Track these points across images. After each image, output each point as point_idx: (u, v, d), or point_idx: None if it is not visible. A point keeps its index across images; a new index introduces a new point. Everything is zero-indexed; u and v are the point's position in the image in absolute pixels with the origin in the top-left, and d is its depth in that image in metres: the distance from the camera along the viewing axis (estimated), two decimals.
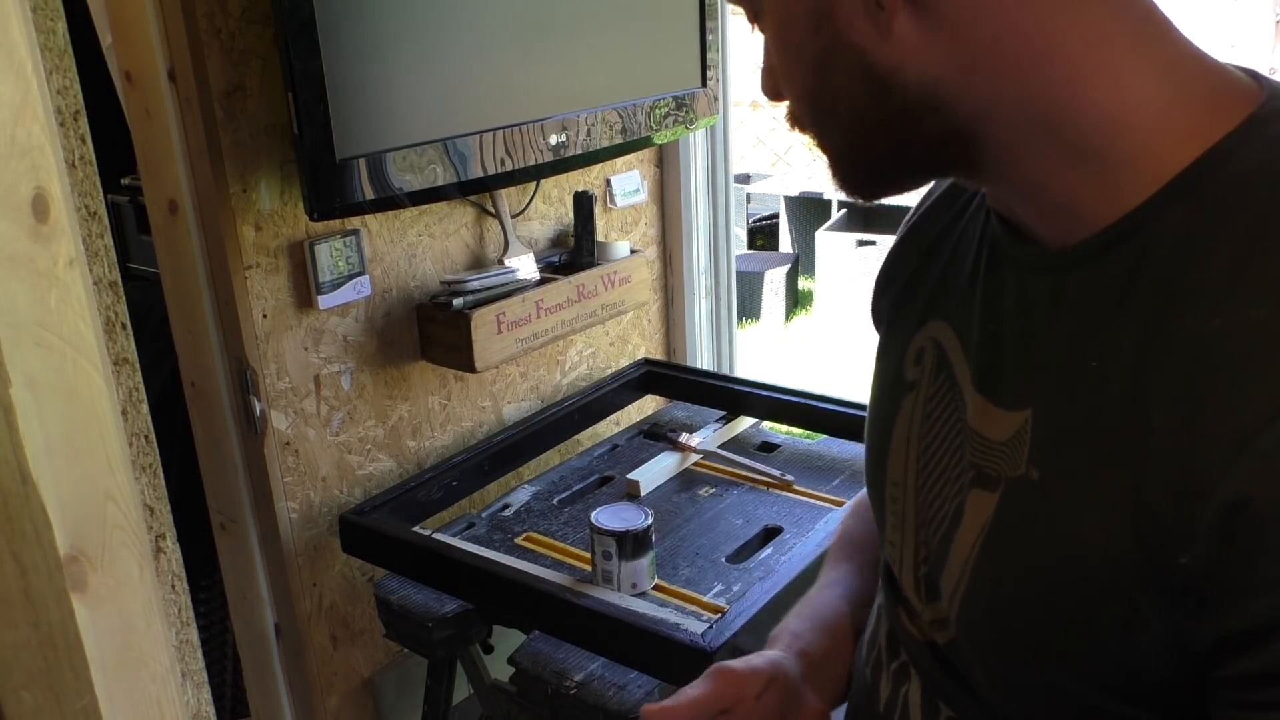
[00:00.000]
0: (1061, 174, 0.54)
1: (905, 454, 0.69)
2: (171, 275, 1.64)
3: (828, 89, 0.58)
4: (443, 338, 1.82)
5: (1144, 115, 0.52)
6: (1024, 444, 0.57)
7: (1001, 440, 0.58)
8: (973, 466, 0.61)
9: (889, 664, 0.72)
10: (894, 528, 0.70)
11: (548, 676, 1.43)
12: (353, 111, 1.49)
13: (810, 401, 1.94)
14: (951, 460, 0.63)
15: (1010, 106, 0.54)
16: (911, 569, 0.68)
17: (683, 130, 2.09)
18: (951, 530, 0.62)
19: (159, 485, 0.83)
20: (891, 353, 0.72)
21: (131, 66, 1.54)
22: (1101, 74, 0.52)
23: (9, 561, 0.58)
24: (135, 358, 0.79)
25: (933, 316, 0.68)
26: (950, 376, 0.65)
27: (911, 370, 0.69)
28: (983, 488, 0.59)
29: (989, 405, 0.60)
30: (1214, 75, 0.53)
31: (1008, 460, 0.58)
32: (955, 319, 0.66)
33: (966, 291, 0.64)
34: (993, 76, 0.53)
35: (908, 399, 0.69)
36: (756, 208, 5.86)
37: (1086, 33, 0.52)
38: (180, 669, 0.81)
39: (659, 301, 2.43)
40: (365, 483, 1.84)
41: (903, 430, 0.69)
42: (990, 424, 0.60)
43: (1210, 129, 0.51)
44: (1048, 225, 0.57)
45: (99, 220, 0.74)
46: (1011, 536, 0.57)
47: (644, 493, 1.80)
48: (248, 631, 1.83)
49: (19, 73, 0.55)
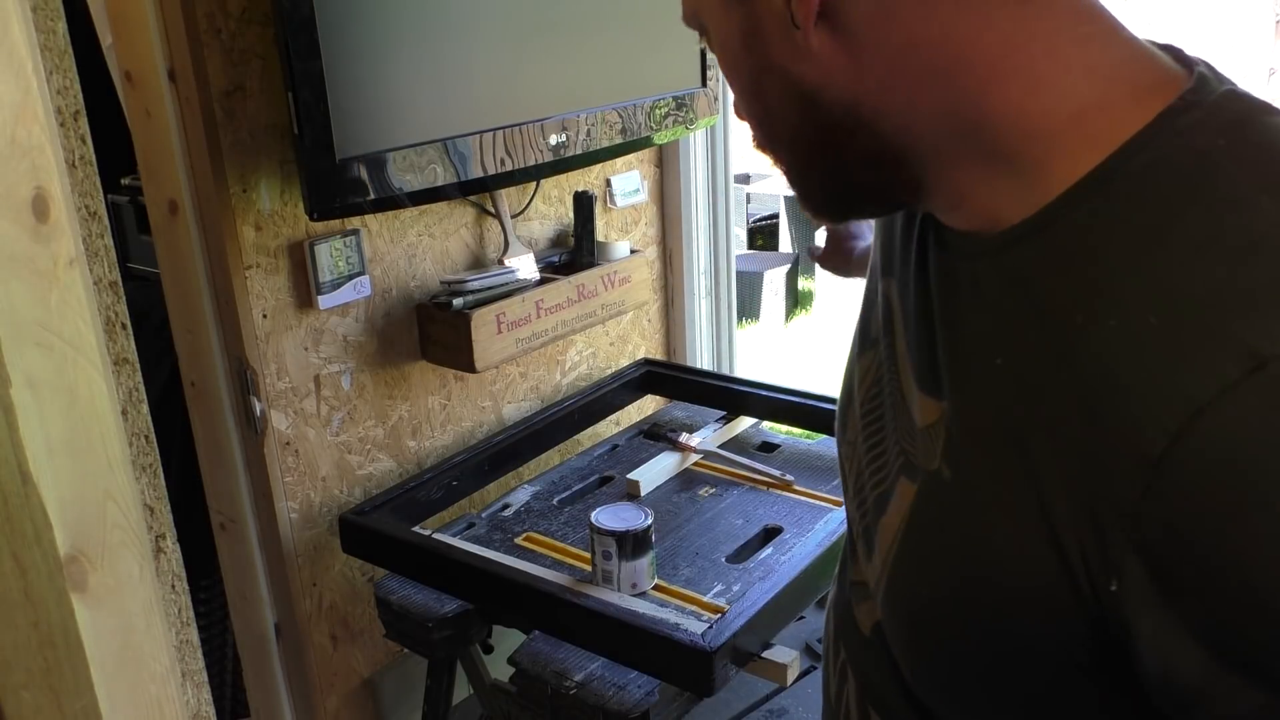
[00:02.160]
0: (984, 183, 0.53)
1: (857, 414, 0.69)
2: (171, 275, 1.64)
3: (765, 109, 0.59)
4: (443, 338, 1.82)
5: (1058, 118, 0.51)
6: (939, 437, 0.56)
7: (922, 426, 0.58)
8: (902, 452, 0.61)
9: (835, 661, 0.72)
10: (848, 485, 0.70)
11: (548, 676, 1.43)
12: (353, 111, 1.49)
13: (810, 401, 1.94)
14: (888, 433, 0.63)
15: (928, 119, 0.53)
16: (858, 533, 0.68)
17: (683, 130, 2.09)
18: (880, 512, 0.62)
19: (159, 485, 0.83)
20: (866, 302, 0.72)
21: (131, 66, 1.54)
22: (1015, 80, 0.51)
23: (9, 561, 0.58)
24: (135, 358, 0.79)
25: (888, 273, 0.67)
26: (892, 343, 0.64)
27: (874, 325, 0.68)
28: (908, 476, 0.59)
29: (914, 385, 0.60)
30: (1143, 71, 0.52)
31: (926, 452, 0.57)
32: (899, 283, 0.65)
33: (906, 264, 0.64)
34: (908, 90, 0.52)
35: (868, 355, 0.69)
36: (756, 208, 5.86)
37: (999, 40, 0.51)
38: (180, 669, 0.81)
39: (659, 301, 2.43)
40: (365, 483, 1.84)
41: (861, 389, 0.69)
42: (915, 404, 0.60)
43: (1129, 126, 0.49)
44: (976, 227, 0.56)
45: (99, 220, 0.74)
46: (926, 532, 0.57)
47: (644, 493, 1.80)
48: (248, 631, 1.83)
49: (19, 73, 0.55)
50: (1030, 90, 0.51)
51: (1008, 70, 0.51)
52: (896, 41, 0.52)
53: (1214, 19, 4.67)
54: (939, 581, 0.56)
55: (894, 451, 0.62)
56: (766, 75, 0.56)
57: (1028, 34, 0.51)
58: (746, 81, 0.59)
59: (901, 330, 0.63)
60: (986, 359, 0.53)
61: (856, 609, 0.69)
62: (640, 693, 1.39)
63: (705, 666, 1.28)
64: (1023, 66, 0.51)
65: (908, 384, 0.61)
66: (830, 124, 0.55)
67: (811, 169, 0.60)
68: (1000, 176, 0.53)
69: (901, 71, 0.52)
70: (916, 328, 0.61)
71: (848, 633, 0.70)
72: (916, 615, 0.59)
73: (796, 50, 0.54)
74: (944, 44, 0.51)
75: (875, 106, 0.54)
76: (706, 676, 1.29)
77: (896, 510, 0.60)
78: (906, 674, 0.61)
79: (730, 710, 2.10)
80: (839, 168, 0.58)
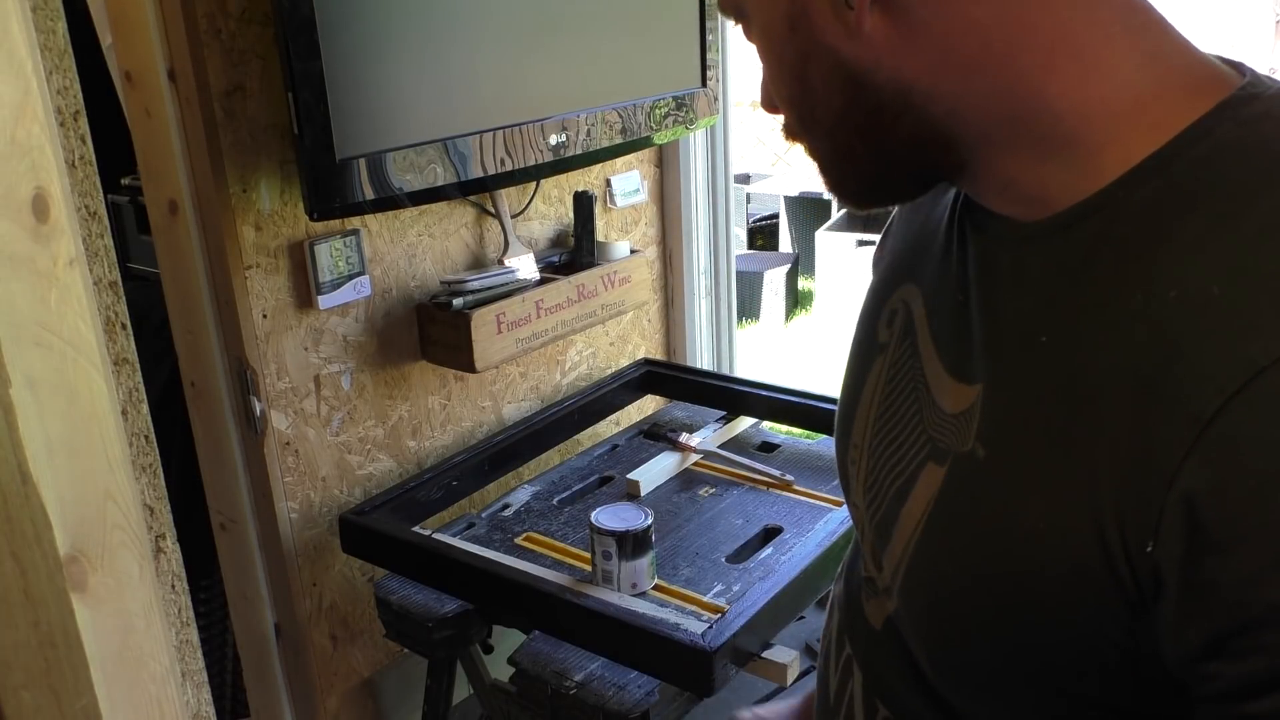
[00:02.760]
0: (1033, 168, 0.54)
1: (867, 416, 0.68)
2: (171, 275, 1.64)
3: (807, 92, 0.58)
4: (443, 338, 1.82)
5: (1115, 104, 0.51)
6: (974, 419, 0.56)
7: (954, 413, 0.58)
8: (929, 440, 0.60)
9: (838, 657, 0.72)
10: (855, 490, 0.70)
11: (548, 676, 1.43)
12: (353, 111, 1.49)
13: (810, 401, 1.94)
14: (909, 428, 0.63)
15: (980, 102, 0.53)
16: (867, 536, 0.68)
17: (683, 130, 2.09)
18: (900, 501, 0.61)
19: (159, 485, 0.83)
20: (868, 314, 0.72)
21: (131, 66, 1.54)
22: (1071, 66, 0.51)
23: (9, 561, 0.58)
24: (135, 358, 0.79)
25: (906, 280, 0.67)
26: (913, 343, 0.64)
27: (883, 332, 0.68)
28: (935, 461, 0.59)
29: (945, 375, 0.60)
30: (1196, 66, 0.53)
31: (957, 435, 0.57)
32: (925, 284, 0.65)
33: (940, 260, 0.64)
34: (962, 72, 0.53)
35: (877, 361, 0.68)
36: (756, 208, 5.86)
37: (1056, 25, 0.51)
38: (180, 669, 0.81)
39: (659, 301, 2.43)
40: (365, 483, 1.84)
41: (869, 393, 0.69)
42: (945, 395, 0.59)
43: (1186, 115, 0.50)
44: (1020, 212, 0.56)
45: (99, 220, 0.74)
46: (955, 514, 0.57)
47: (644, 493, 1.80)
48: (248, 631, 1.83)
49: (19, 73, 0.55)
50: (1086, 77, 0.51)
51: (1064, 56, 0.51)
52: (952, 24, 0.52)
53: (1214, 19, 4.67)
54: (966, 562, 0.55)
55: (918, 443, 0.61)
56: (813, 57, 0.56)
57: (1084, 21, 0.51)
58: (790, 65, 0.58)
59: (926, 328, 0.63)
60: (1030, 338, 0.53)
61: (866, 604, 0.68)
62: (640, 693, 1.39)
63: (705, 666, 1.28)
64: (1080, 52, 0.51)
65: (936, 376, 0.61)
66: (878, 106, 0.55)
67: (852, 154, 0.59)
68: (1050, 161, 0.53)
69: (956, 54, 0.52)
70: (951, 319, 0.61)
71: (855, 628, 0.69)
72: (939, 598, 0.58)
73: (848, 31, 0.54)
74: (1000, 27, 0.51)
75: (927, 89, 0.54)
76: (706, 676, 1.29)
77: (920, 496, 0.59)
78: (925, 663, 0.61)
79: (730, 710, 2.10)
80: (883, 151, 0.58)
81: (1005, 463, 0.54)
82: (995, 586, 0.53)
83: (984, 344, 0.57)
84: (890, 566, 0.62)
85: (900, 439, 0.63)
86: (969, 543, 0.55)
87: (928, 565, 0.58)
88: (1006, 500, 0.53)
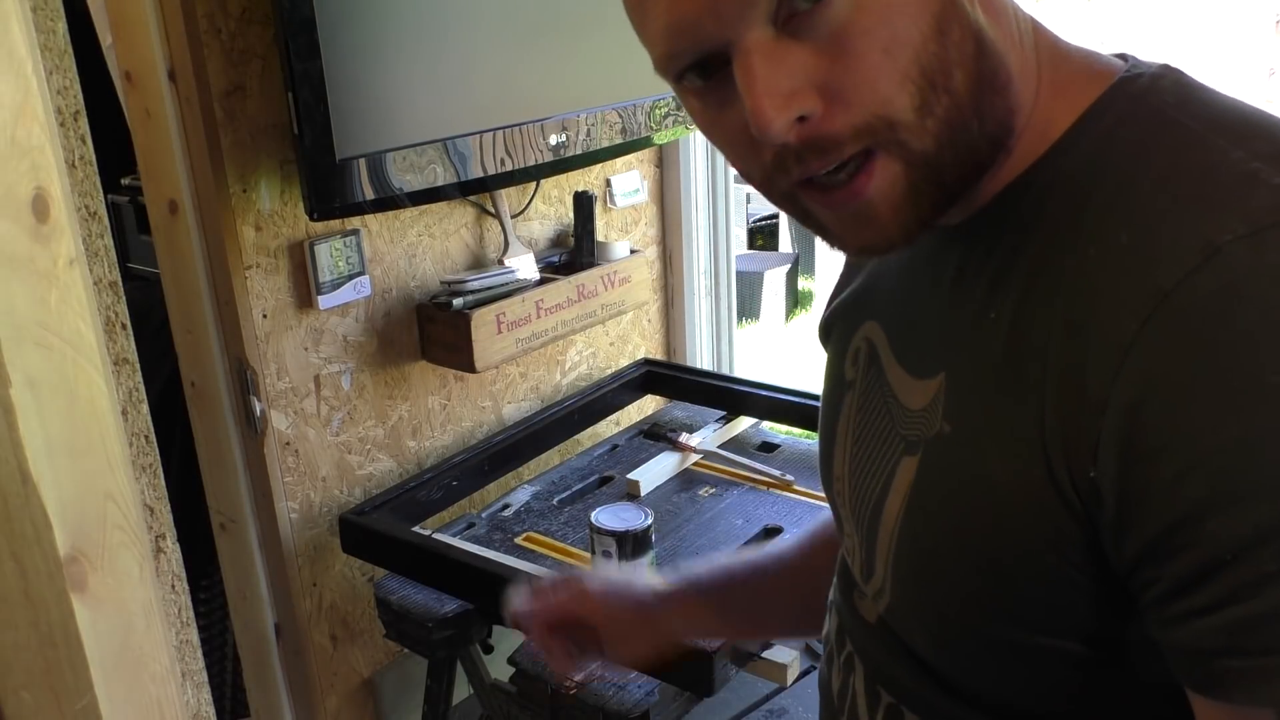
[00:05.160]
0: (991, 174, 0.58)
1: (844, 448, 0.71)
2: (171, 275, 1.64)
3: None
4: (443, 338, 1.82)
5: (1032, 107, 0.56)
6: (939, 404, 0.59)
7: (921, 407, 0.60)
8: (901, 439, 0.62)
9: (839, 656, 0.73)
10: (845, 519, 0.72)
11: (548, 676, 1.43)
12: (353, 111, 1.49)
13: (810, 401, 1.94)
14: (882, 438, 0.65)
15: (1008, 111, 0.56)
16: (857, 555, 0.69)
17: (683, 130, 2.09)
18: (882, 500, 0.63)
19: (159, 485, 0.83)
20: (835, 357, 0.75)
21: (131, 66, 1.54)
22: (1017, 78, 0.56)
23: (9, 561, 0.58)
24: (135, 358, 0.79)
25: (866, 318, 0.70)
26: (879, 368, 0.67)
27: (850, 370, 0.71)
28: (909, 453, 0.61)
29: (909, 379, 0.63)
30: (1086, 59, 0.58)
31: (926, 424, 0.60)
32: (882, 315, 0.68)
33: (890, 287, 0.68)
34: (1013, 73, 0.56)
35: (847, 398, 0.71)
36: (756, 208, 5.85)
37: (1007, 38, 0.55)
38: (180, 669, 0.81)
39: (659, 301, 2.43)
40: (365, 483, 1.84)
41: (843, 428, 0.71)
42: (911, 395, 0.62)
43: (1088, 97, 0.56)
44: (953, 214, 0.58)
45: (99, 220, 0.74)
46: (930, 491, 0.59)
47: (644, 493, 1.80)
48: (248, 631, 1.83)
49: (19, 73, 0.55)
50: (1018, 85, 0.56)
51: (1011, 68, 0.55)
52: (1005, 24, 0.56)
53: (1214, 19, 4.67)
54: (945, 528, 0.58)
55: (891, 445, 0.63)
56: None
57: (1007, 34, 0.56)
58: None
59: (889, 350, 0.66)
60: (980, 317, 0.56)
61: (860, 604, 0.70)
62: (640, 693, 1.39)
63: (705, 666, 1.28)
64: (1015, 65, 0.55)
65: (900, 382, 0.63)
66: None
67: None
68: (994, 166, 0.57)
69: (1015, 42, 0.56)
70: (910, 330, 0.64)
71: (853, 625, 0.71)
72: (927, 570, 0.60)
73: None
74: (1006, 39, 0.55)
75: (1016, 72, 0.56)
76: (706, 676, 1.29)
77: (899, 489, 0.61)
78: (924, 643, 0.62)
79: (730, 710, 2.10)
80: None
81: (968, 430, 0.56)
82: (973, 544, 0.56)
83: (941, 339, 0.60)
84: (880, 561, 0.64)
85: (875, 451, 0.65)
86: (945, 510, 0.58)
87: (911, 542, 0.60)
88: (971, 461, 0.56)
